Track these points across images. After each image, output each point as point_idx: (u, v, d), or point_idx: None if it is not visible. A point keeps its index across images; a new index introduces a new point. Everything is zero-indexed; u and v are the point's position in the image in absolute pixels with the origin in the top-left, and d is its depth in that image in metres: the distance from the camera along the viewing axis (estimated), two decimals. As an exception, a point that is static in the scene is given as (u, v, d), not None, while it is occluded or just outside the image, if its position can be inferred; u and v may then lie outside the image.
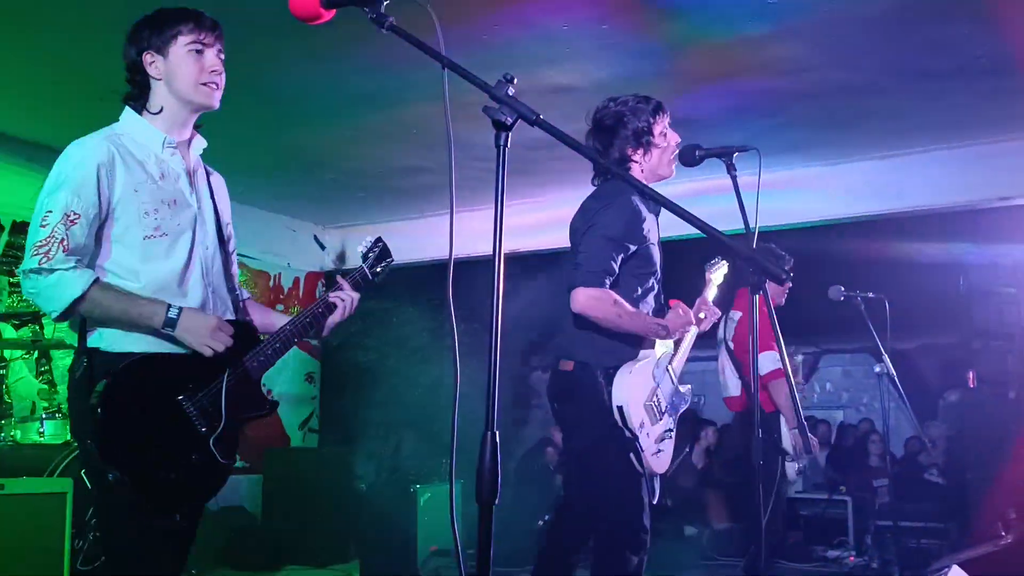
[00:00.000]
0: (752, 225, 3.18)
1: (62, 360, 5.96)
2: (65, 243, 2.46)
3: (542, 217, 7.03)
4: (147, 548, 2.52)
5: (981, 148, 6.15)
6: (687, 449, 9.59)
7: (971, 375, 7.76)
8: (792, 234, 5.99)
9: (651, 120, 3.62)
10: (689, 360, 3.88)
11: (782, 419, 5.22)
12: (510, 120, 1.76)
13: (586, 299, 3.36)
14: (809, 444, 4.85)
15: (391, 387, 8.48)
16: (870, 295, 5.86)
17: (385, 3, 1.96)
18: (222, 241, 2.82)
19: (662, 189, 4.03)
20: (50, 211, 2.49)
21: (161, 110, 2.67)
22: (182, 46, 2.63)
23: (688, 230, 2.09)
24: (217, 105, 2.70)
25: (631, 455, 3.40)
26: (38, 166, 6.26)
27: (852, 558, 7.71)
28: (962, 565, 4.46)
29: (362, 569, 6.34)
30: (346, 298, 2.96)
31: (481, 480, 1.66)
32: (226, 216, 2.91)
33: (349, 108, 5.62)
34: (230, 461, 2.66)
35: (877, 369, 5.81)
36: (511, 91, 1.79)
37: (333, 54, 4.71)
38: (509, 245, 1.76)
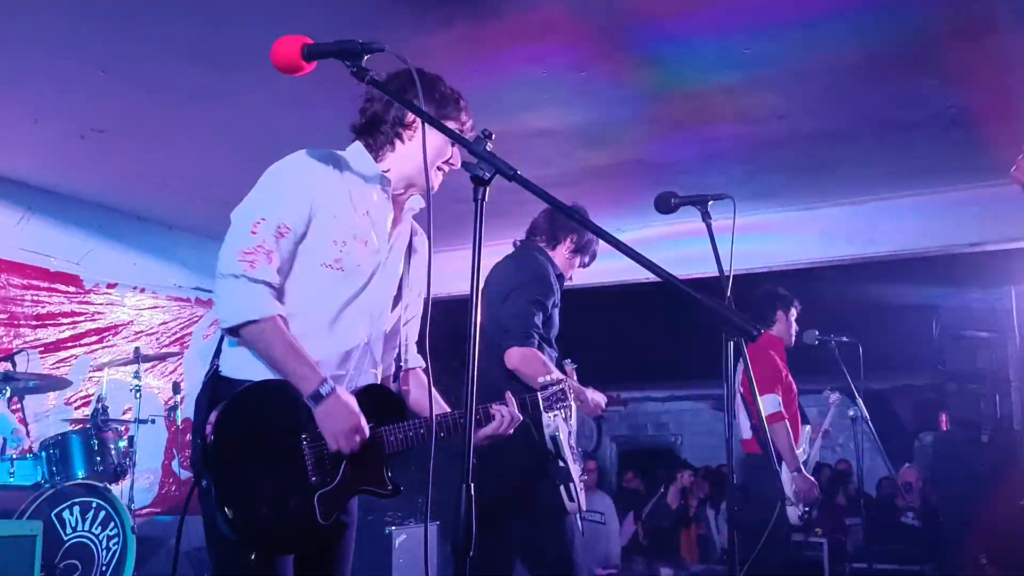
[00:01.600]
0: (727, 270, 3.25)
1: (34, 399, 5.91)
2: (272, 256, 2.36)
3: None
4: None
5: (951, 195, 6.26)
6: (661, 490, 9.60)
7: (943, 418, 7.83)
8: (767, 278, 6.05)
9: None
10: (666, 400, 3.95)
11: (783, 463, 5.23)
12: (488, 175, 1.79)
13: (521, 357, 3.67)
14: (812, 490, 4.84)
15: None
16: (844, 339, 5.93)
17: (366, 57, 1.99)
18: (397, 302, 2.68)
19: (638, 232, 4.13)
20: (264, 218, 2.38)
21: (388, 171, 2.59)
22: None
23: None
24: (436, 189, 2.56)
25: (562, 488, 3.54)
26: (13, 203, 6.26)
27: (827, 601, 7.69)
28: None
29: (336, 612, 6.25)
30: (507, 415, 2.73)
31: (456, 531, 1.68)
32: (414, 281, 2.77)
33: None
34: (329, 524, 2.42)
35: (851, 412, 5.86)
36: (489, 146, 1.83)
37: (312, 97, 4.74)
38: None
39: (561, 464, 3.53)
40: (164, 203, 6.81)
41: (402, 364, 2.75)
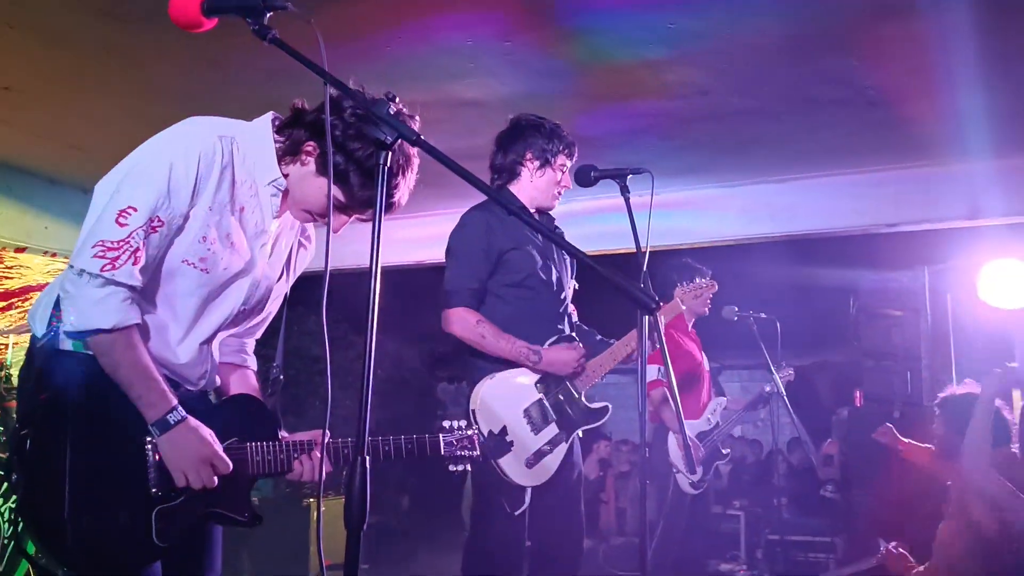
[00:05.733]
0: (643, 245, 3.26)
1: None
2: (139, 255, 2.09)
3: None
4: None
5: (870, 176, 6.36)
6: (583, 463, 9.67)
7: (858, 394, 8.02)
8: (687, 254, 6.09)
9: (560, 147, 3.77)
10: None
11: (670, 432, 5.32)
12: (390, 139, 1.74)
13: (452, 320, 3.50)
14: (692, 457, 4.75)
15: (289, 397, 8.33)
16: (762, 315, 6.03)
17: (268, 15, 1.92)
18: (261, 305, 2.48)
19: (561, 206, 4.10)
20: (135, 208, 2.10)
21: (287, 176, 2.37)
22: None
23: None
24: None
25: (492, 461, 3.43)
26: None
27: (743, 571, 7.88)
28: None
29: (253, 584, 6.21)
30: (306, 467, 2.46)
31: (350, 506, 1.63)
32: (281, 288, 2.57)
33: (249, 116, 5.51)
34: (166, 546, 2.17)
35: (767, 388, 5.95)
36: (393, 109, 1.78)
37: (235, 59, 4.60)
38: (421, 255, 1.75)
39: (493, 464, 3.43)
40: (78, 165, 6.56)
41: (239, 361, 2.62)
